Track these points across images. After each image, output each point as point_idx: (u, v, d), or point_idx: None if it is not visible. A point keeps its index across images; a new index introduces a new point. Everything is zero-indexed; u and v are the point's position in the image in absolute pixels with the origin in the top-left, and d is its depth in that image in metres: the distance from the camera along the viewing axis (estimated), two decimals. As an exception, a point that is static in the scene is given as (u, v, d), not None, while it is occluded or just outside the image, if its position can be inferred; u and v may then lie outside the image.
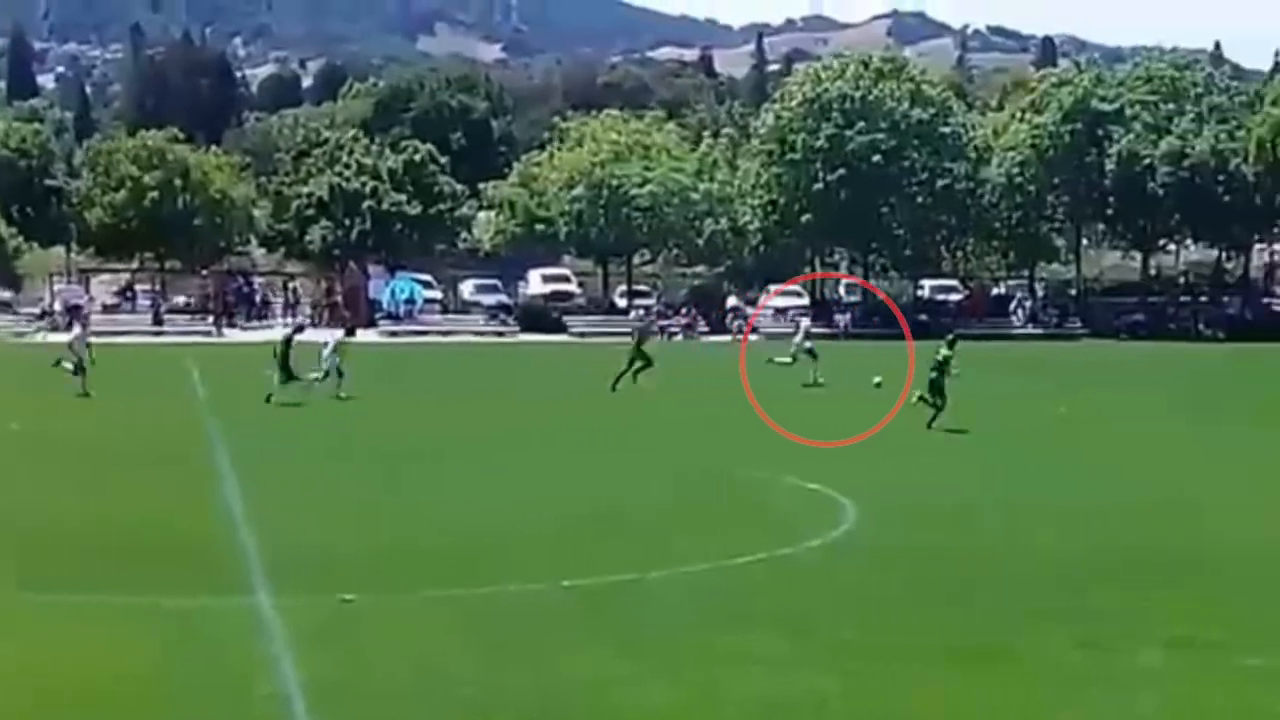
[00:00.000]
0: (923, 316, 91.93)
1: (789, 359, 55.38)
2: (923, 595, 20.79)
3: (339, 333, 50.90)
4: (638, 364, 52.75)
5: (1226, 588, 21.18)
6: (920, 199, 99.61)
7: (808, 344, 56.54)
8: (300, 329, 52.39)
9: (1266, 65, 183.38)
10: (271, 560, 22.24)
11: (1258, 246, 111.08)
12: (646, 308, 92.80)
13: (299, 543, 23.82)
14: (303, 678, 16.21)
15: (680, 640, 18.08)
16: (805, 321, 58.29)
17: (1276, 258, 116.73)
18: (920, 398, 41.10)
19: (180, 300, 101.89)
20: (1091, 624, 18.85)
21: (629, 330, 56.57)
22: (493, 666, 16.79)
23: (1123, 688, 16.20)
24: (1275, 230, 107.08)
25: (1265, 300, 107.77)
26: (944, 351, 41.24)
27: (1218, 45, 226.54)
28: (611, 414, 46.57)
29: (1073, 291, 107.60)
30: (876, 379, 47.67)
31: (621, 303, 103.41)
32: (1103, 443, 39.33)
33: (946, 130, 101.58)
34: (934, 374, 40.95)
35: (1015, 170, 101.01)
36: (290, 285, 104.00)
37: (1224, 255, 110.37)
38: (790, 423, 40.95)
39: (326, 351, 49.03)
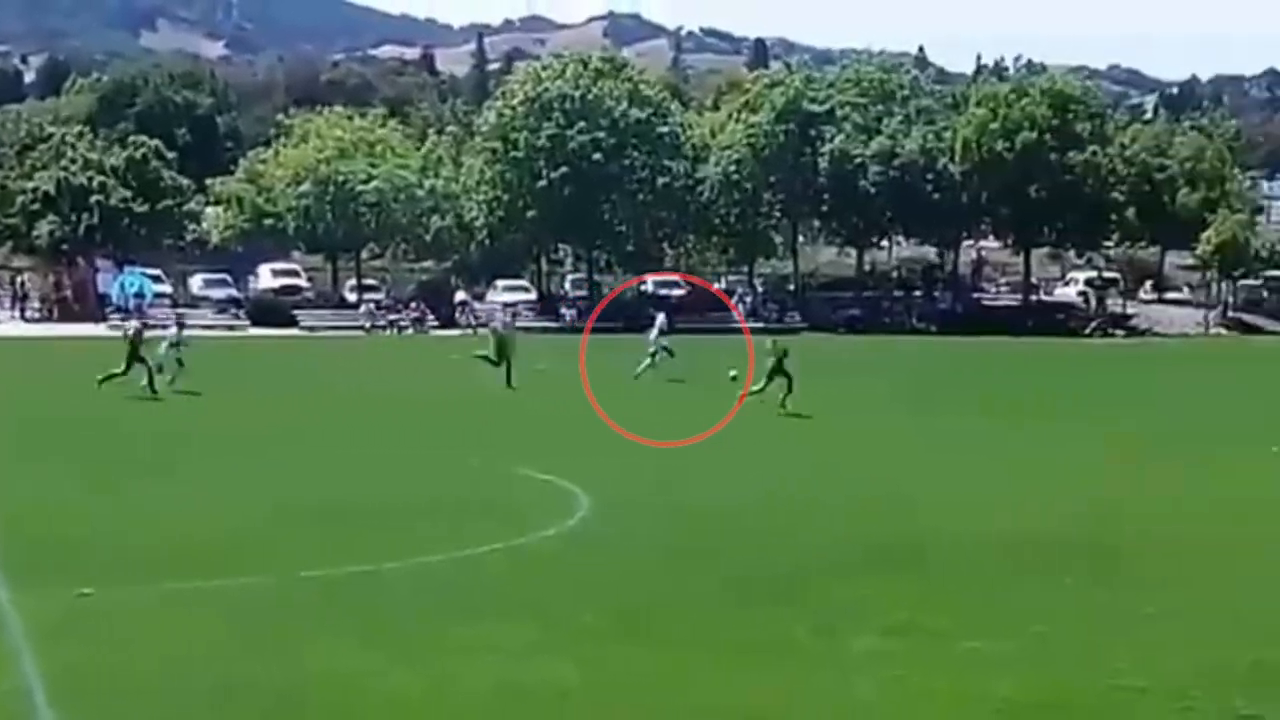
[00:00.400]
0: (652, 310, 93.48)
1: (650, 360, 55.63)
2: (656, 583, 21.18)
3: (174, 329, 51.03)
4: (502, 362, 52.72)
5: (947, 576, 21.74)
6: (641, 196, 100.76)
7: (664, 340, 56.92)
8: (145, 324, 52.25)
9: (969, 68, 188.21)
10: (4, 555, 21.98)
11: (966, 243, 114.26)
12: (510, 305, 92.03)
13: (33, 537, 23.59)
14: (43, 671, 16.11)
15: (418, 629, 18.27)
16: (660, 318, 58.68)
17: (983, 254, 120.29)
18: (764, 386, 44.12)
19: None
20: (819, 611, 19.26)
21: (489, 326, 56.23)
22: (233, 657, 16.85)
23: (848, 672, 16.59)
24: (982, 227, 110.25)
25: (975, 295, 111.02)
26: (780, 343, 44.92)
27: (921, 49, 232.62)
28: (345, 407, 46.71)
29: (791, 286, 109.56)
30: (732, 372, 48.84)
31: (351, 297, 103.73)
32: (825, 435, 40.25)
33: (665, 129, 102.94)
34: (774, 361, 44.07)
35: (732, 169, 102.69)
36: (18, 279, 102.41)
37: (939, 251, 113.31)
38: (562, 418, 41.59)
39: (164, 346, 49.24)
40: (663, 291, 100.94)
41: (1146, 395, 54.65)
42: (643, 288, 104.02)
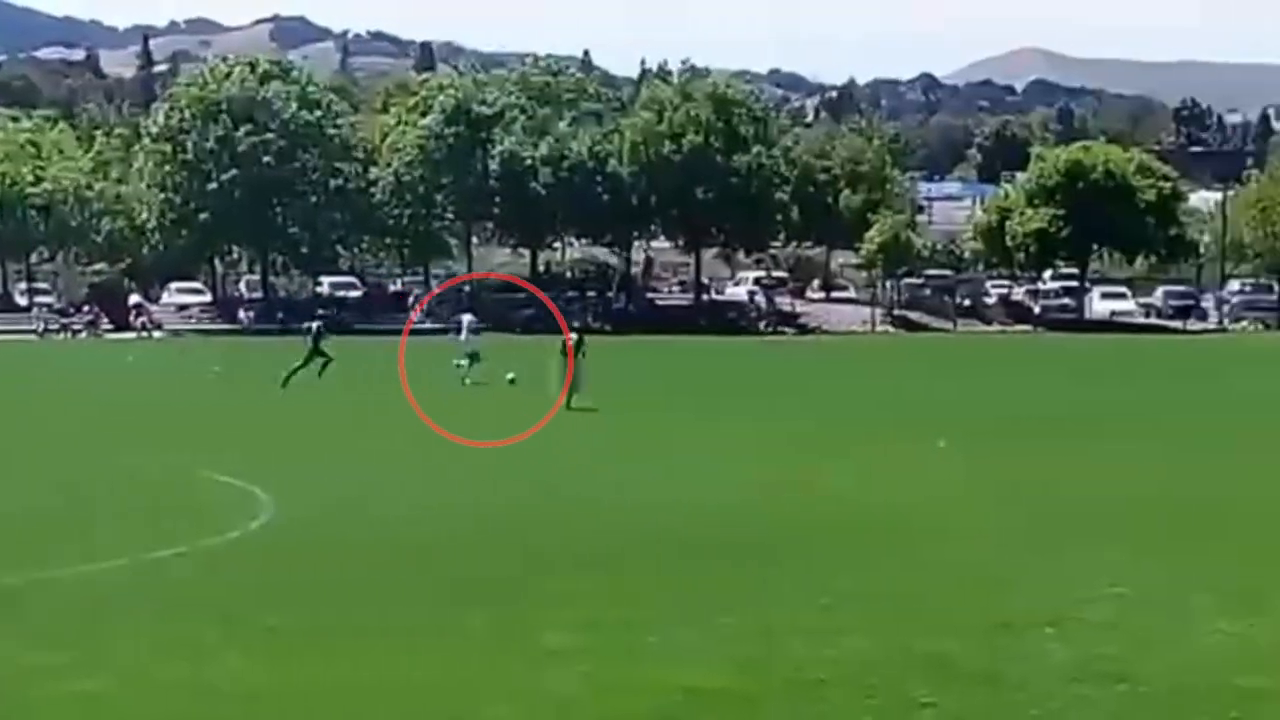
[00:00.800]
0: (332, 311, 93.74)
1: (465, 360, 55.38)
2: (342, 581, 21.19)
3: None
4: (318, 361, 52.29)
5: (636, 570, 21.99)
6: (314, 199, 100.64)
7: (476, 340, 56.47)
8: None
9: (634, 71, 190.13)
10: None
11: (637, 244, 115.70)
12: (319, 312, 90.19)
13: None
14: None
15: (103, 632, 18.06)
16: (467, 318, 58.14)
17: (653, 254, 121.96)
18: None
19: None
20: (507, 608, 19.40)
21: (305, 329, 55.25)
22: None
23: (537, 667, 16.68)
24: (652, 228, 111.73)
25: (649, 295, 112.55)
26: (574, 337, 47.05)
27: (586, 52, 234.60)
28: (19, 412, 45.94)
29: (467, 288, 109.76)
30: (510, 375, 49.72)
31: (22, 300, 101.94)
32: (504, 434, 39.72)
33: (335, 132, 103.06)
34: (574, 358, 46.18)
35: (404, 171, 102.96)
36: None
37: (617, 253, 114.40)
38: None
39: None
40: (339, 293, 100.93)
41: (818, 391, 55.72)
42: (319, 289, 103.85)
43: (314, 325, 55.01)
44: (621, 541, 24.38)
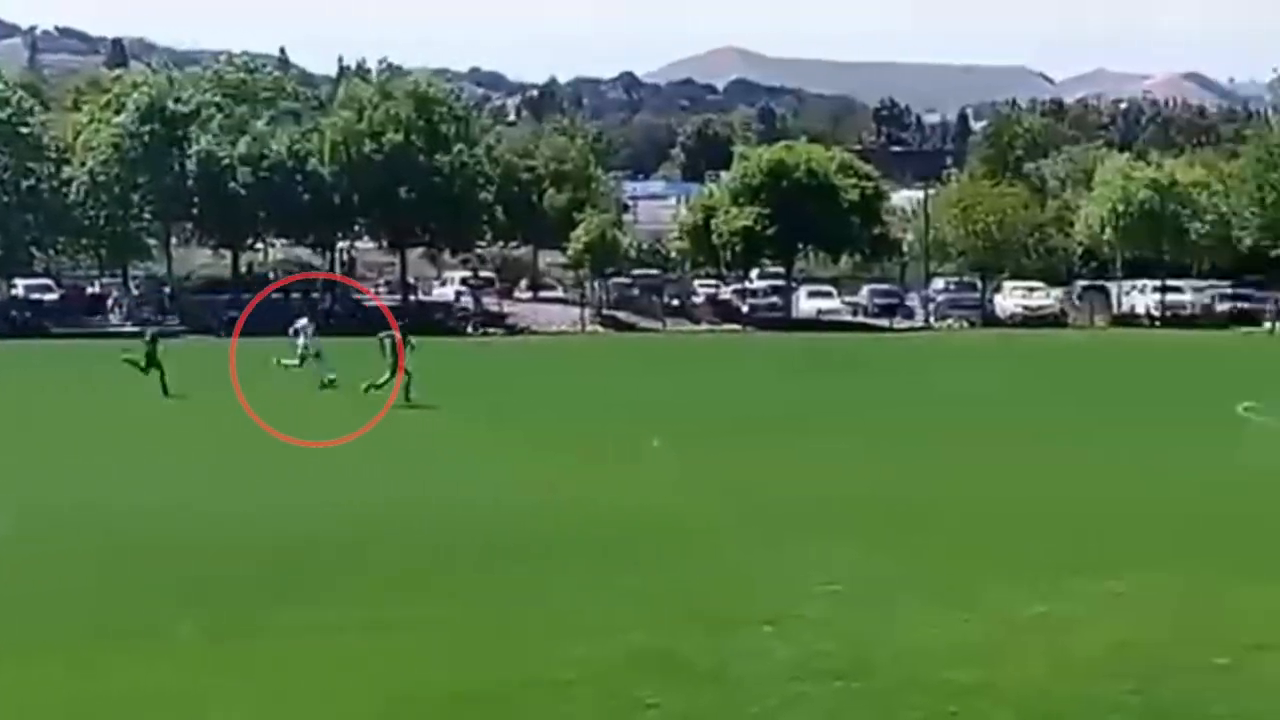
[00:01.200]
0: (27, 314, 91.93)
1: (297, 361, 53.89)
2: (56, 591, 20.98)
3: None
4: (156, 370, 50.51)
5: (385, 569, 22.21)
6: (5, 199, 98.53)
7: (314, 345, 54.98)
8: None
9: (332, 69, 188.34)
10: None
11: (341, 244, 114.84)
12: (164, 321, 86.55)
13: None
14: None
15: None
16: (303, 322, 56.55)
17: (356, 254, 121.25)
18: (384, 382, 47.67)
19: None
20: (226, 611, 19.38)
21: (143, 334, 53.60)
22: None
23: (276, 670, 16.76)
24: (355, 228, 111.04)
25: (355, 296, 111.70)
26: (397, 336, 48.78)
27: (283, 50, 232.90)
28: None
29: (167, 289, 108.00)
30: (331, 375, 50.82)
31: None
32: (225, 438, 39.93)
33: (25, 130, 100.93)
34: (393, 358, 47.92)
35: (99, 170, 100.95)
36: None
37: (320, 253, 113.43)
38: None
39: None
40: (34, 296, 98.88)
41: (528, 392, 55.61)
42: (13, 291, 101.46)
43: (151, 332, 54.22)
44: (338, 542, 24.48)
